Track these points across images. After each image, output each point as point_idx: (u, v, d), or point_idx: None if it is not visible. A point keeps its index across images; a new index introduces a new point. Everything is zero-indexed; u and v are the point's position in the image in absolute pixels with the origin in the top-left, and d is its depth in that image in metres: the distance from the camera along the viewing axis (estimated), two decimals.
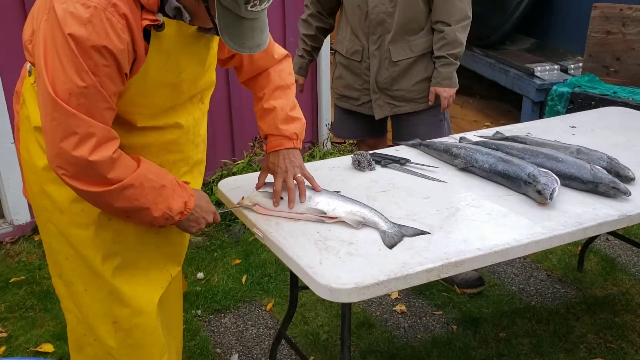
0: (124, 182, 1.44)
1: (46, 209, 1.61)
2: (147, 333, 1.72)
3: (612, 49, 4.23)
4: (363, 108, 2.88)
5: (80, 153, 1.38)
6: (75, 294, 1.67)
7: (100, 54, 1.35)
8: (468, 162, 2.09)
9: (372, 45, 2.73)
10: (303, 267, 1.53)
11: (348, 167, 2.14)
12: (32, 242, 3.29)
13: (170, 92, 1.58)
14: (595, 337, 2.59)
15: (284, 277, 3.02)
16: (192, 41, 1.55)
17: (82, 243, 1.61)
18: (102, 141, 1.40)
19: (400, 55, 2.71)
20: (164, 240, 1.74)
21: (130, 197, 1.47)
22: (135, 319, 1.69)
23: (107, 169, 1.41)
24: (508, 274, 3.09)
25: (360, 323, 2.70)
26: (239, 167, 3.73)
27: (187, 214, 1.57)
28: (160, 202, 1.51)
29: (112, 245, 1.63)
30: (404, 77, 2.75)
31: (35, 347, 2.55)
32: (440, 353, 2.51)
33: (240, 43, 1.44)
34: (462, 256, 1.59)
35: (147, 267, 1.72)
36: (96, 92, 1.37)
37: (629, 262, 3.17)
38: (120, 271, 1.66)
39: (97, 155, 1.39)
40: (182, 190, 1.57)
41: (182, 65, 1.55)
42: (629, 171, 2.01)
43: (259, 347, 2.59)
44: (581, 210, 1.83)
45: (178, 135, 1.66)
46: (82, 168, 1.40)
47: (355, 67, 2.82)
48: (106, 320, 1.67)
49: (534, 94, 4.67)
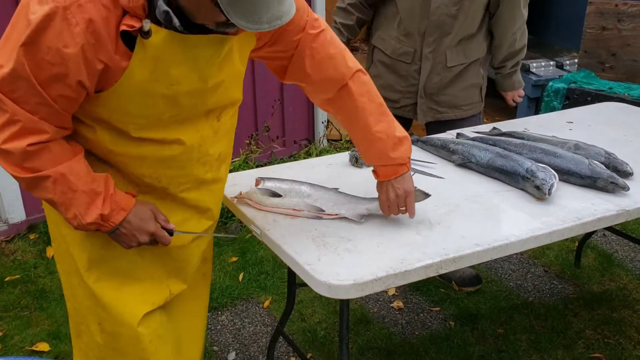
0: (41, 173, 1.38)
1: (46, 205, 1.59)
2: (129, 344, 1.65)
3: (607, 44, 4.24)
4: (402, 111, 2.69)
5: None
6: (72, 286, 1.66)
7: (48, 51, 1.26)
8: (466, 158, 2.09)
9: (426, 47, 2.55)
10: (301, 263, 1.52)
11: (345, 163, 2.13)
12: (27, 240, 3.27)
13: (165, 104, 1.44)
14: (593, 332, 2.59)
15: (281, 274, 3.01)
16: (190, 55, 1.40)
17: (71, 242, 1.59)
18: (23, 132, 1.33)
19: (455, 61, 2.59)
20: (165, 255, 1.66)
21: (45, 189, 1.41)
22: (116, 327, 1.64)
23: (21, 160, 1.36)
24: (505, 270, 3.09)
25: (357, 320, 2.69)
26: (235, 164, 3.72)
27: (108, 227, 1.47)
28: (73, 206, 1.43)
29: (100, 251, 1.58)
30: (454, 83, 2.63)
31: (30, 347, 2.53)
32: (438, 349, 2.51)
33: (255, 19, 1.23)
34: (460, 252, 1.58)
35: (144, 278, 1.64)
36: (28, 84, 1.29)
37: (626, 258, 3.18)
38: (106, 277, 1.60)
39: (10, 145, 1.33)
40: (106, 202, 1.45)
41: (173, 77, 1.41)
42: (627, 166, 2.01)
43: (256, 344, 2.58)
44: (580, 205, 1.83)
45: (179, 152, 1.53)
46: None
47: (402, 68, 2.64)
48: (94, 319, 1.64)
49: (530, 90, 4.67)
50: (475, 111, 2.76)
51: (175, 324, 1.74)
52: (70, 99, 1.35)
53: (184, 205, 1.63)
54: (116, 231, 1.49)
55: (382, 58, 2.69)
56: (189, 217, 1.64)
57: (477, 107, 2.75)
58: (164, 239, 1.54)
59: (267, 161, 3.92)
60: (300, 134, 4.25)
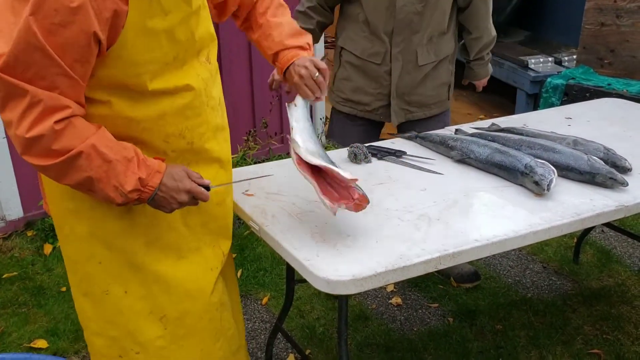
0: (72, 152, 1.33)
1: (70, 212, 1.54)
2: (197, 319, 1.65)
3: (606, 40, 4.23)
4: (373, 114, 2.65)
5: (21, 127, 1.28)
6: (112, 304, 1.59)
7: (56, 14, 1.22)
8: (464, 153, 2.08)
9: (395, 47, 2.49)
10: (300, 259, 1.52)
11: (344, 159, 2.12)
12: (24, 237, 3.26)
13: (167, 41, 1.44)
14: (592, 328, 2.59)
15: (280, 271, 3.01)
16: None
17: (119, 235, 1.55)
18: (47, 111, 1.29)
19: (426, 59, 2.55)
20: (207, 217, 1.66)
21: (80, 169, 1.35)
22: (183, 304, 1.62)
23: (50, 141, 1.30)
24: (504, 267, 3.09)
25: (356, 316, 2.69)
26: (233, 161, 3.70)
27: (148, 192, 1.43)
28: (112, 177, 1.38)
29: (151, 230, 1.56)
30: (425, 82, 2.60)
31: (28, 343, 2.53)
32: (436, 345, 2.51)
33: None
34: (459, 247, 1.57)
35: (198, 247, 1.64)
36: (43, 55, 1.25)
37: (624, 254, 3.18)
38: (164, 255, 1.59)
39: (36, 130, 1.28)
40: (140, 166, 1.42)
41: (165, 5, 1.41)
42: (625, 162, 2.01)
43: (255, 341, 2.58)
44: (578, 201, 1.82)
45: (191, 98, 1.53)
46: (25, 141, 1.30)
47: (372, 70, 2.56)
48: (153, 318, 1.60)
49: (528, 86, 4.68)
50: (444, 108, 2.73)
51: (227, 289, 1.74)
52: (84, 61, 1.32)
53: (209, 160, 1.64)
54: (155, 197, 1.45)
55: (351, 59, 2.61)
56: (214, 173, 1.65)
57: (444, 104, 2.72)
58: (202, 195, 1.51)
59: (265, 158, 3.91)
60: None
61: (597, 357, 2.43)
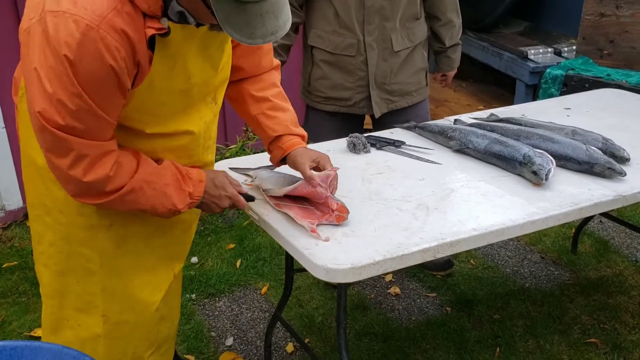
0: (124, 190, 1.44)
1: (45, 205, 1.59)
2: (135, 329, 1.73)
3: (605, 31, 4.22)
4: (356, 108, 2.59)
5: (74, 173, 1.38)
6: (65, 284, 1.66)
7: (94, 74, 1.28)
8: (463, 143, 2.08)
9: (368, 36, 2.45)
10: (299, 248, 1.52)
11: (343, 149, 2.13)
12: (24, 227, 3.27)
13: (180, 99, 1.52)
14: (589, 318, 2.61)
15: (279, 260, 3.02)
16: (202, 44, 1.47)
17: (80, 242, 1.60)
18: (95, 160, 1.38)
19: (401, 45, 2.52)
20: (170, 240, 1.74)
21: (132, 202, 1.47)
22: (125, 315, 1.69)
23: (104, 185, 1.41)
24: (502, 257, 3.10)
25: (355, 305, 2.70)
26: (232, 151, 3.71)
27: (195, 202, 1.57)
28: (165, 201, 1.50)
29: (114, 250, 1.63)
30: (403, 68, 2.57)
31: (29, 332, 2.54)
32: (434, 335, 2.52)
33: (249, 33, 1.25)
34: (457, 236, 1.58)
35: (153, 266, 1.71)
36: (90, 113, 1.33)
37: (622, 244, 3.19)
38: (117, 273, 1.65)
39: (92, 176, 1.39)
40: (186, 181, 1.54)
41: (191, 70, 1.47)
42: (624, 152, 2.01)
43: (254, 330, 2.59)
44: (577, 190, 1.83)
45: (188, 141, 1.60)
46: (79, 187, 1.41)
47: (347, 63, 2.51)
48: (96, 312, 1.67)
49: (528, 77, 4.67)
50: (424, 96, 2.72)
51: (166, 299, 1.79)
52: (120, 106, 1.40)
53: None
54: (199, 204, 1.58)
55: (324, 57, 2.54)
56: None
57: (425, 91, 2.72)
58: (240, 203, 1.64)
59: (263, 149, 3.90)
60: None
61: (594, 346, 2.44)
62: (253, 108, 1.77)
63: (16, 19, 3.07)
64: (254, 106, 1.76)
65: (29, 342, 1.42)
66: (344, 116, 2.64)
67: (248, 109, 1.78)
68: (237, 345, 2.50)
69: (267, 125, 1.76)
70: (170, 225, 1.71)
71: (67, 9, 1.25)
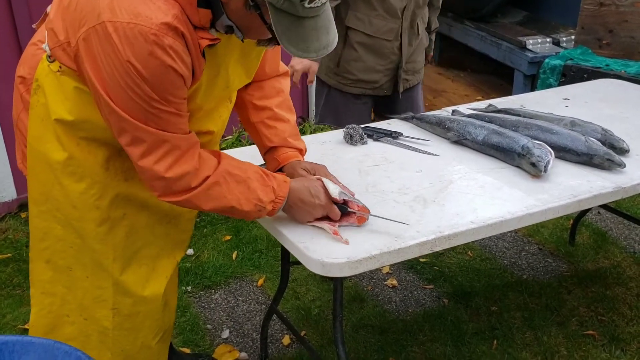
0: (208, 181, 1.44)
1: (56, 199, 1.57)
2: (146, 319, 1.74)
3: (604, 21, 4.19)
4: (380, 90, 2.72)
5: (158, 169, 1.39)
6: (73, 279, 1.64)
7: (167, 79, 1.32)
8: (461, 135, 2.06)
9: (405, 21, 2.60)
10: (295, 242, 1.50)
11: (340, 141, 2.10)
12: (18, 219, 3.24)
13: (216, 101, 1.59)
14: (587, 310, 2.60)
15: (275, 252, 3.00)
16: (242, 53, 1.52)
17: (94, 238, 1.59)
18: (182, 154, 1.40)
19: (421, 29, 2.71)
20: (174, 229, 1.74)
21: (218, 196, 1.46)
22: (137, 307, 1.70)
23: (192, 179, 1.42)
24: (499, 248, 3.09)
25: (351, 298, 2.69)
26: (228, 142, 3.68)
27: (280, 202, 1.52)
28: (250, 195, 1.48)
29: (124, 241, 1.63)
30: (417, 49, 2.75)
31: (23, 325, 2.52)
32: (432, 327, 2.51)
33: (304, 47, 1.31)
34: (455, 229, 1.56)
35: (157, 255, 1.72)
36: (165, 110, 1.35)
37: (620, 236, 3.18)
38: (129, 264, 1.66)
39: (176, 170, 1.40)
40: (270, 179, 1.53)
41: (231, 78, 1.52)
42: (623, 143, 1.99)
43: (250, 322, 2.57)
44: (575, 182, 1.81)
45: (208, 140, 1.64)
46: (167, 183, 1.41)
47: (383, 46, 2.61)
48: (105, 305, 1.67)
49: (526, 67, 4.64)
50: (422, 75, 2.88)
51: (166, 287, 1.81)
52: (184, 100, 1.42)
53: None
54: (286, 207, 1.54)
55: (360, 39, 2.60)
56: None
57: (423, 70, 2.88)
58: (335, 215, 1.56)
59: None
60: None
61: (592, 338, 2.43)
62: (253, 116, 1.75)
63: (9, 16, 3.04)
64: (254, 114, 1.75)
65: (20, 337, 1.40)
66: (367, 99, 2.77)
67: (248, 116, 1.76)
68: (233, 337, 2.49)
69: (265, 135, 1.74)
70: (176, 214, 1.72)
71: (130, 20, 1.26)
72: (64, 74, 1.45)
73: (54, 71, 1.47)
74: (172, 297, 1.89)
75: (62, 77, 1.45)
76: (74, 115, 1.47)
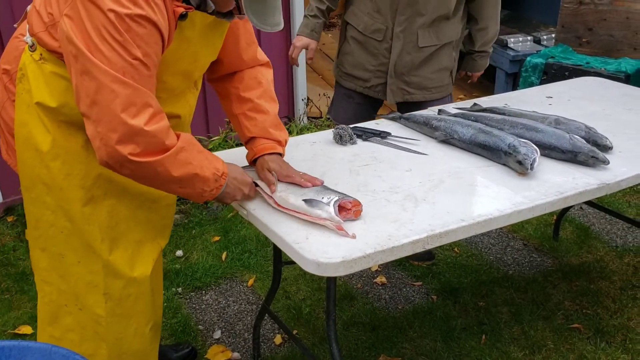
0: (177, 146, 1.49)
1: (45, 184, 1.64)
2: (137, 302, 1.80)
3: (584, 19, 4.27)
4: (371, 91, 2.69)
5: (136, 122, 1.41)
6: (65, 266, 1.71)
7: (142, 25, 1.38)
8: (448, 134, 2.09)
9: (397, 26, 2.52)
10: (289, 242, 1.52)
11: (329, 141, 2.13)
12: (5, 223, 3.22)
13: (182, 79, 1.65)
14: (572, 303, 2.65)
15: (265, 252, 3.02)
16: (210, 31, 1.61)
17: (81, 218, 1.66)
18: (157, 111, 1.46)
19: (427, 42, 2.56)
20: (154, 215, 1.81)
21: (184, 161, 1.50)
22: (127, 289, 1.76)
23: (165, 136, 1.47)
24: (485, 244, 3.13)
25: (342, 296, 2.72)
26: (215, 143, 3.69)
27: (225, 177, 1.60)
28: (208, 164, 1.56)
29: (108, 220, 1.68)
30: (426, 64, 2.61)
31: (13, 330, 2.51)
32: (421, 323, 2.54)
33: (263, 20, 1.46)
34: (446, 227, 1.59)
35: (140, 240, 1.78)
36: (143, 64, 1.41)
37: (602, 230, 3.24)
38: (116, 245, 1.72)
39: (154, 125, 1.44)
40: (215, 154, 1.63)
41: (199, 54, 1.62)
42: (606, 140, 2.04)
43: (241, 322, 2.59)
44: (561, 179, 1.85)
45: (175, 124, 1.67)
46: (144, 139, 1.43)
47: (373, 46, 2.60)
48: (97, 291, 1.73)
49: (508, 65, 4.70)
50: (445, 93, 2.75)
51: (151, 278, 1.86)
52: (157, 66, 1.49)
53: None
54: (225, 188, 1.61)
55: (354, 34, 2.65)
56: None
57: (446, 89, 2.75)
58: (254, 190, 1.70)
59: None
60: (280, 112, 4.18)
61: (578, 331, 2.48)
62: (235, 107, 1.82)
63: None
64: (236, 106, 1.82)
65: (17, 342, 1.40)
66: (361, 98, 2.75)
67: (231, 107, 1.83)
68: (225, 338, 2.50)
69: (245, 126, 1.81)
70: (154, 199, 1.78)
71: None
72: (45, 62, 1.54)
73: (35, 60, 1.56)
74: (158, 289, 1.95)
75: (43, 65, 1.55)
76: (55, 99, 1.55)
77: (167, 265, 2.88)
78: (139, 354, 1.87)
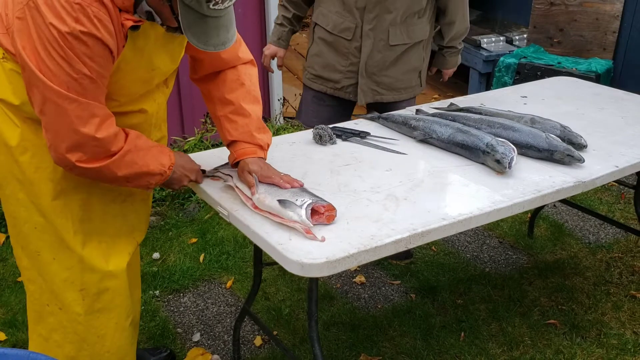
0: (123, 149, 1.55)
1: (17, 179, 1.66)
2: (115, 295, 1.81)
3: (555, 20, 4.34)
4: (342, 92, 2.63)
5: (87, 131, 1.47)
6: (42, 264, 1.73)
7: (84, 42, 1.41)
8: (427, 133, 2.11)
9: (366, 24, 2.47)
10: (272, 244, 1.51)
11: (309, 141, 2.12)
12: None
13: (141, 85, 1.67)
14: (548, 300, 2.69)
15: (243, 254, 3.00)
16: (166, 40, 1.62)
17: (52, 212, 1.67)
18: (104, 119, 1.50)
19: (397, 40, 2.52)
20: (129, 209, 1.83)
21: (130, 162, 1.57)
22: (104, 282, 1.78)
23: (111, 143, 1.52)
24: (462, 242, 3.16)
25: (321, 296, 2.72)
26: (190, 144, 3.65)
27: (172, 167, 1.66)
28: (154, 161, 1.62)
29: (80, 213, 1.71)
30: (396, 64, 2.57)
31: None
32: (401, 322, 2.56)
33: (205, 41, 1.46)
34: (428, 226, 1.60)
35: (115, 234, 1.80)
36: (88, 78, 1.45)
37: (575, 227, 3.30)
38: (89, 239, 1.74)
39: (104, 132, 1.50)
40: (163, 147, 1.68)
41: (155, 62, 1.63)
42: (581, 139, 2.08)
43: (220, 325, 2.57)
44: (538, 178, 1.88)
45: (141, 120, 1.73)
46: (92, 146, 1.50)
47: (342, 45, 2.54)
48: (74, 288, 1.74)
49: (481, 65, 4.76)
50: (413, 94, 2.72)
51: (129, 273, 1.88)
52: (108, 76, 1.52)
53: None
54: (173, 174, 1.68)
55: (323, 35, 2.59)
56: None
57: (415, 90, 2.71)
58: (200, 176, 1.79)
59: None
60: None
61: (554, 327, 2.53)
62: (219, 109, 1.82)
63: None
64: (219, 108, 1.81)
65: None
66: (332, 100, 2.68)
67: (215, 110, 1.83)
68: (204, 340, 2.48)
69: (226, 129, 1.80)
70: (129, 193, 1.80)
71: None
72: (7, 60, 1.57)
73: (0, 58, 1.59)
74: (136, 284, 1.97)
75: (5, 63, 1.57)
76: (18, 97, 1.58)
77: (144, 268, 2.84)
78: (122, 351, 1.88)
